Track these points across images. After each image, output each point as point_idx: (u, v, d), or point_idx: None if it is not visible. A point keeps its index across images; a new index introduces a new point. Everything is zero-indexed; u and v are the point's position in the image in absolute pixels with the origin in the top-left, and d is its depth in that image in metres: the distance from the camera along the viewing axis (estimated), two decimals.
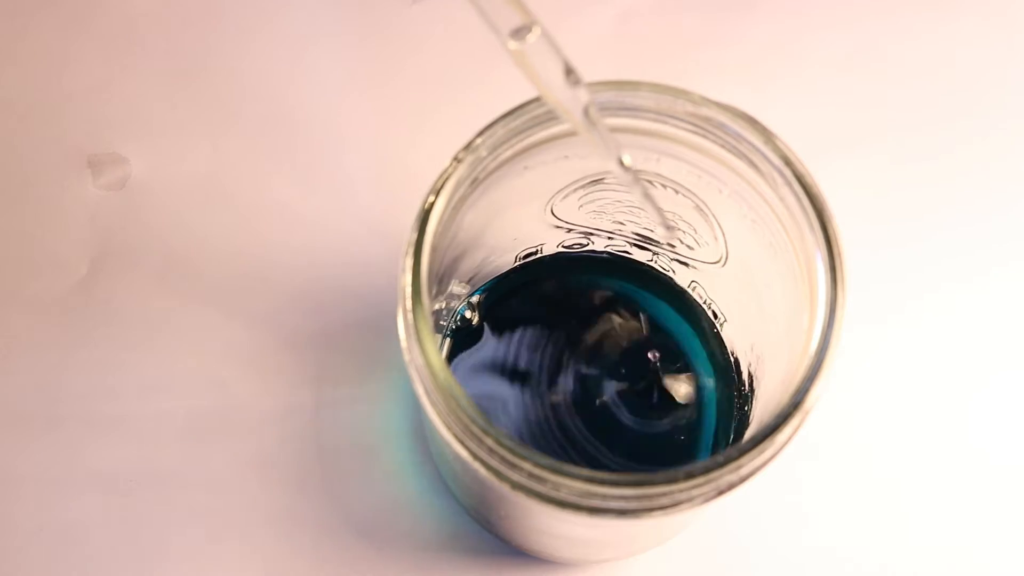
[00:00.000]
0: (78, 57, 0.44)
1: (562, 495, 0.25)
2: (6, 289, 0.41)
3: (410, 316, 0.25)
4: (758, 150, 0.26)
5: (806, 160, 0.26)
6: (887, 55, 0.45)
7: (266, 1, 0.46)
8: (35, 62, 0.44)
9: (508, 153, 0.28)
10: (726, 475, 0.24)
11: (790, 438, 0.25)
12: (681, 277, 0.35)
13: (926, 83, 0.45)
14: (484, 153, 0.27)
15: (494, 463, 0.25)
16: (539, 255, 0.35)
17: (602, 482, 0.24)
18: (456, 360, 0.34)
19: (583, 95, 0.25)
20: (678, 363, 0.35)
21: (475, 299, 0.35)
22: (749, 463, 0.25)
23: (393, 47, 0.45)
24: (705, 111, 0.26)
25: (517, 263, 0.35)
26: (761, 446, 0.24)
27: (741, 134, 0.26)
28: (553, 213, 0.33)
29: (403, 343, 0.26)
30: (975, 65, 0.45)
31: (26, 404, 0.40)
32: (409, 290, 0.25)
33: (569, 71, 0.24)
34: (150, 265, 0.41)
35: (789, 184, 0.26)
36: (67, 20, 0.45)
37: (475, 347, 0.34)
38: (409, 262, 0.25)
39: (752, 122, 0.26)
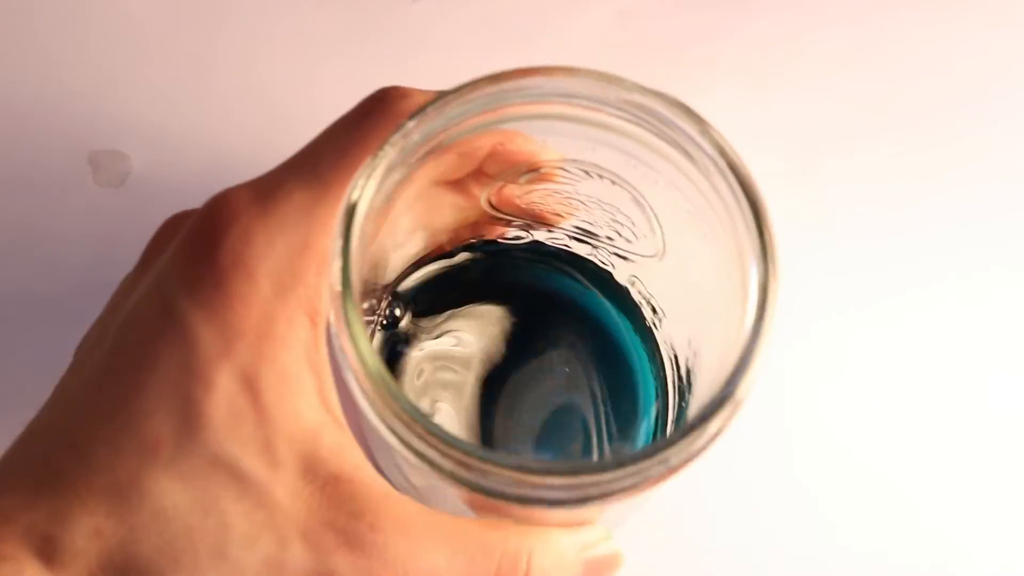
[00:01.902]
0: (78, 55, 0.44)
1: (490, 483, 0.24)
2: (6, 288, 0.41)
3: (339, 303, 0.24)
4: (692, 139, 0.26)
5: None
6: (885, 52, 0.46)
7: (267, 1, 0.45)
8: (35, 60, 0.44)
9: (442, 138, 0.27)
10: (655, 465, 0.24)
11: (721, 429, 0.25)
12: (621, 272, 0.35)
13: (924, 79, 0.46)
14: (416, 138, 0.26)
15: (424, 450, 0.25)
16: (478, 248, 0.35)
17: (531, 471, 0.24)
18: (390, 354, 0.34)
19: None
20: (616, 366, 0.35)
21: (408, 294, 0.35)
22: (678, 454, 0.24)
23: (393, 47, 0.45)
24: (639, 98, 0.26)
25: (456, 257, 0.35)
26: (690, 436, 0.24)
27: (675, 122, 0.26)
28: (491, 204, 0.33)
29: (333, 332, 0.25)
30: (973, 61, 0.46)
31: (26, 404, 0.39)
32: (339, 275, 0.25)
33: None
34: None
35: (723, 174, 0.26)
36: (67, 19, 0.45)
37: (409, 342, 0.34)
38: (339, 248, 0.25)
39: (686, 111, 0.26)
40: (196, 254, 0.27)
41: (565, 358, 0.34)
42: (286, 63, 0.45)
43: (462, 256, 0.35)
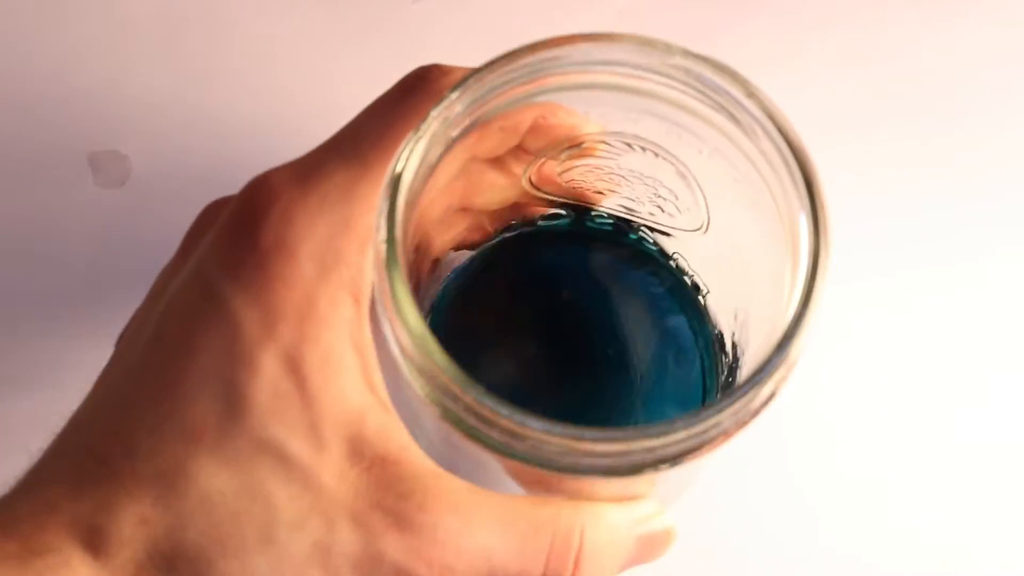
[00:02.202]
0: (78, 55, 0.44)
1: (542, 453, 0.24)
2: (6, 288, 0.41)
3: (385, 274, 0.24)
4: (739, 103, 0.26)
5: None
6: (885, 51, 0.46)
7: (267, 1, 0.46)
8: (35, 61, 0.44)
9: (483, 111, 0.27)
10: (709, 428, 0.24)
11: (775, 391, 0.25)
12: (663, 248, 0.35)
13: (923, 77, 0.46)
14: (459, 109, 0.26)
15: (473, 422, 0.24)
16: (519, 228, 0.35)
17: (583, 438, 0.24)
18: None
19: None
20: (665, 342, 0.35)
21: (454, 275, 0.35)
22: (732, 416, 0.24)
23: (393, 47, 0.45)
24: (683, 62, 0.26)
25: (497, 237, 0.35)
26: (745, 398, 0.24)
27: (721, 86, 0.26)
28: (532, 183, 0.33)
29: (379, 305, 0.25)
30: (973, 60, 0.46)
31: (27, 404, 0.40)
32: (384, 248, 0.24)
33: None
34: (150, 262, 0.41)
35: (771, 137, 0.26)
36: (67, 18, 0.45)
37: (454, 321, 0.34)
38: (384, 220, 0.25)
39: (733, 75, 0.26)
40: (237, 237, 0.27)
41: (609, 338, 0.34)
42: (286, 63, 0.45)
43: (503, 238, 0.35)
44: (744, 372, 0.32)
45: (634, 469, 0.24)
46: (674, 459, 0.24)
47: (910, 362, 0.42)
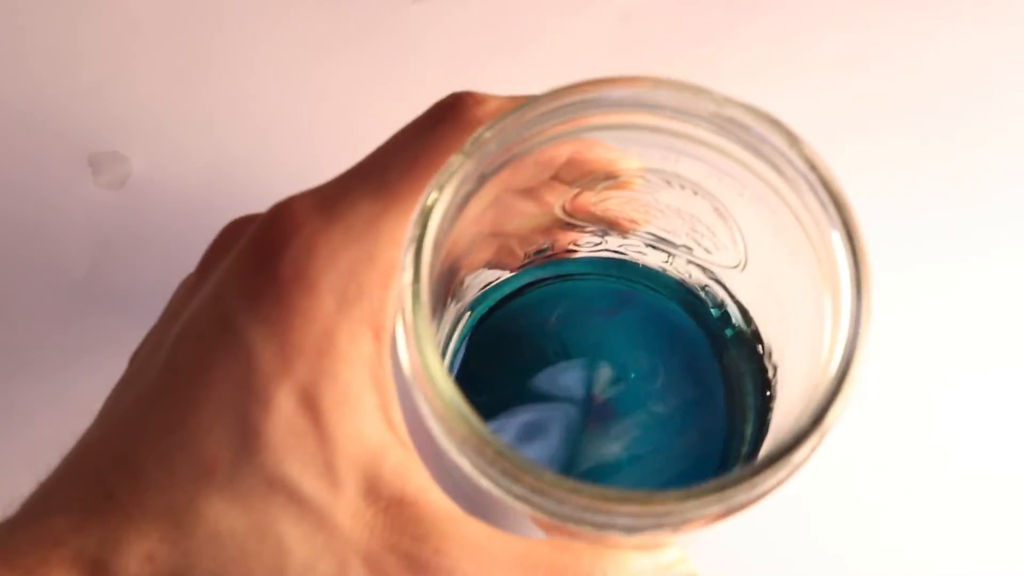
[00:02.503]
0: (78, 56, 0.44)
1: (564, 510, 0.24)
2: (6, 288, 0.41)
3: (410, 318, 0.24)
4: (782, 154, 0.25)
5: None
6: (885, 51, 0.45)
7: (267, 1, 0.45)
8: (35, 61, 0.44)
9: (518, 148, 0.26)
10: (739, 494, 0.23)
11: (807, 458, 0.24)
12: (696, 282, 0.34)
13: (923, 77, 0.45)
14: (493, 148, 0.25)
15: (495, 474, 0.24)
16: (550, 254, 0.34)
17: (607, 498, 0.23)
18: (459, 369, 0.33)
19: None
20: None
21: (479, 304, 0.34)
22: (763, 483, 0.23)
23: (393, 48, 0.44)
24: (728, 111, 0.25)
25: (527, 259, 0.34)
26: (777, 464, 0.23)
27: (765, 136, 0.25)
28: (565, 210, 0.32)
29: (401, 348, 0.25)
30: (973, 59, 0.45)
31: (27, 404, 0.39)
32: (410, 291, 0.24)
33: None
34: (151, 264, 0.41)
35: (814, 190, 0.25)
36: (68, 19, 0.45)
37: (480, 356, 0.33)
38: (410, 260, 0.24)
39: (776, 124, 0.25)
40: (256, 266, 0.26)
41: (640, 376, 0.33)
42: (286, 64, 0.44)
43: (531, 270, 0.34)
44: (775, 417, 0.31)
45: (658, 527, 0.24)
46: (700, 520, 0.24)
47: (910, 360, 0.41)
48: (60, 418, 0.39)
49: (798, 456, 0.23)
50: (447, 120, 0.27)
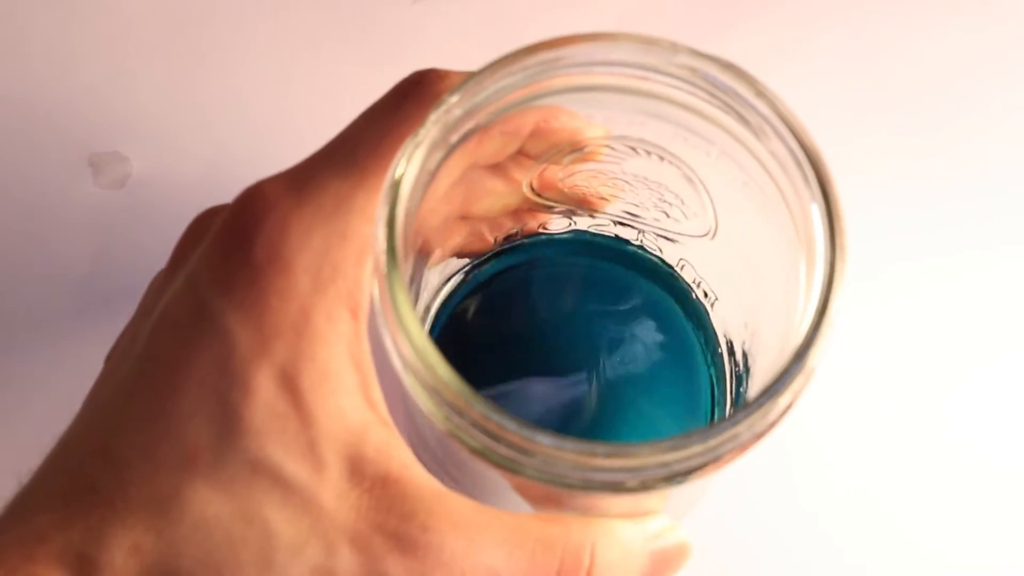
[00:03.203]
0: (78, 56, 0.44)
1: (552, 469, 0.23)
2: (6, 288, 0.41)
3: (384, 277, 0.23)
4: (747, 103, 0.25)
5: None
6: (885, 51, 0.46)
7: (266, 1, 0.45)
8: (35, 61, 0.44)
9: (483, 117, 0.26)
10: (724, 442, 0.23)
11: (792, 402, 0.24)
12: (669, 255, 0.34)
13: (924, 76, 0.45)
14: (458, 113, 0.25)
15: (479, 438, 0.23)
16: (519, 237, 0.34)
17: (595, 453, 0.23)
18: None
19: None
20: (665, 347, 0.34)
21: (454, 286, 0.34)
22: (748, 429, 0.23)
23: (393, 47, 0.45)
24: (690, 61, 0.25)
25: (497, 246, 0.34)
26: (762, 409, 0.23)
27: (729, 85, 0.25)
28: (533, 189, 0.32)
29: (380, 322, 0.24)
30: (973, 59, 0.46)
31: (27, 404, 0.39)
32: (384, 247, 0.23)
33: None
34: (151, 264, 0.41)
35: (781, 137, 0.25)
36: (67, 19, 0.45)
37: (453, 335, 0.33)
38: (383, 222, 0.24)
39: (741, 73, 0.25)
40: (229, 250, 0.26)
41: (613, 349, 0.33)
42: (286, 64, 0.44)
43: (503, 248, 0.34)
44: (755, 381, 0.31)
45: (647, 485, 0.23)
46: (688, 474, 0.23)
47: (908, 356, 0.41)
48: (60, 419, 0.39)
49: (783, 399, 0.23)
50: (412, 96, 0.27)
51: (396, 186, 0.24)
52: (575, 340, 0.33)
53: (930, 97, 0.45)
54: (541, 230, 0.34)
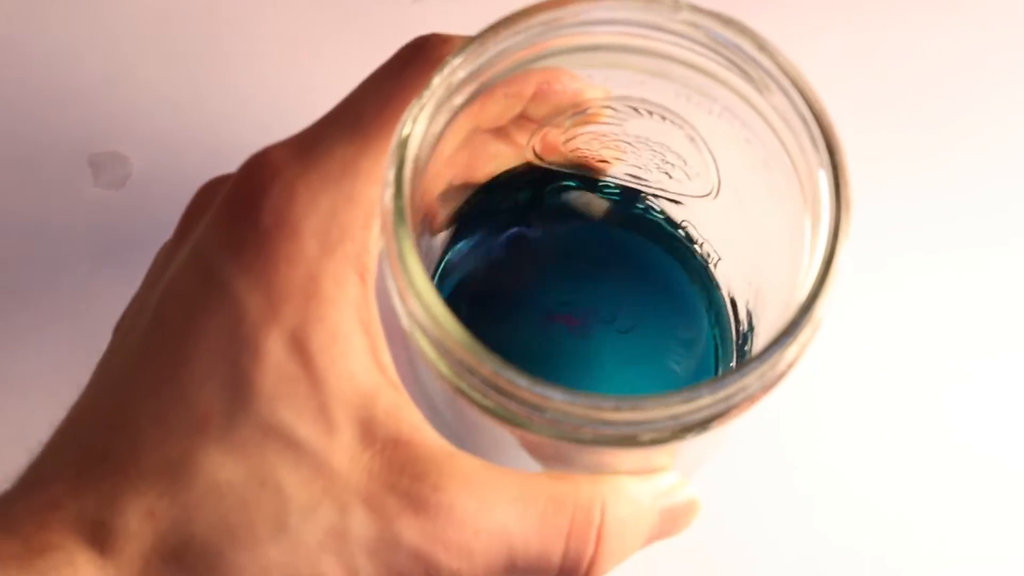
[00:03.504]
0: (78, 56, 0.44)
1: (563, 425, 0.23)
2: (6, 288, 0.41)
3: (393, 239, 0.24)
4: (750, 57, 0.25)
5: None
6: (886, 51, 0.46)
7: (266, 1, 0.45)
8: (35, 61, 0.44)
9: (487, 77, 0.26)
10: (734, 393, 0.23)
11: (799, 354, 0.24)
12: (672, 217, 0.34)
13: (924, 76, 0.45)
14: (462, 75, 0.25)
15: (488, 395, 0.24)
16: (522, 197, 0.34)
17: (604, 407, 0.23)
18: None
19: None
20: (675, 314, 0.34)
21: (459, 250, 0.34)
22: (758, 380, 0.23)
23: (393, 47, 0.45)
24: (691, 17, 0.25)
25: (502, 204, 0.34)
26: (770, 360, 0.23)
27: (731, 40, 0.25)
28: (536, 153, 0.32)
29: (387, 271, 0.25)
30: (973, 59, 0.46)
31: (26, 404, 0.39)
32: (392, 213, 0.24)
33: None
34: (150, 264, 0.41)
35: (785, 91, 0.25)
36: (68, 19, 0.45)
37: (458, 294, 0.33)
38: (392, 177, 0.24)
39: (742, 28, 0.25)
40: (237, 216, 0.26)
41: (618, 307, 0.33)
42: (286, 64, 0.45)
43: (506, 209, 0.34)
44: (760, 339, 0.31)
45: (658, 439, 0.24)
46: (700, 426, 0.24)
47: (907, 350, 0.41)
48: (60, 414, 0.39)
49: (791, 351, 0.23)
50: (415, 61, 0.28)
51: (403, 145, 0.24)
52: (579, 299, 0.34)
53: (931, 93, 0.45)
54: (546, 193, 0.34)
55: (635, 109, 0.29)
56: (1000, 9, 0.46)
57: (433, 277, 0.33)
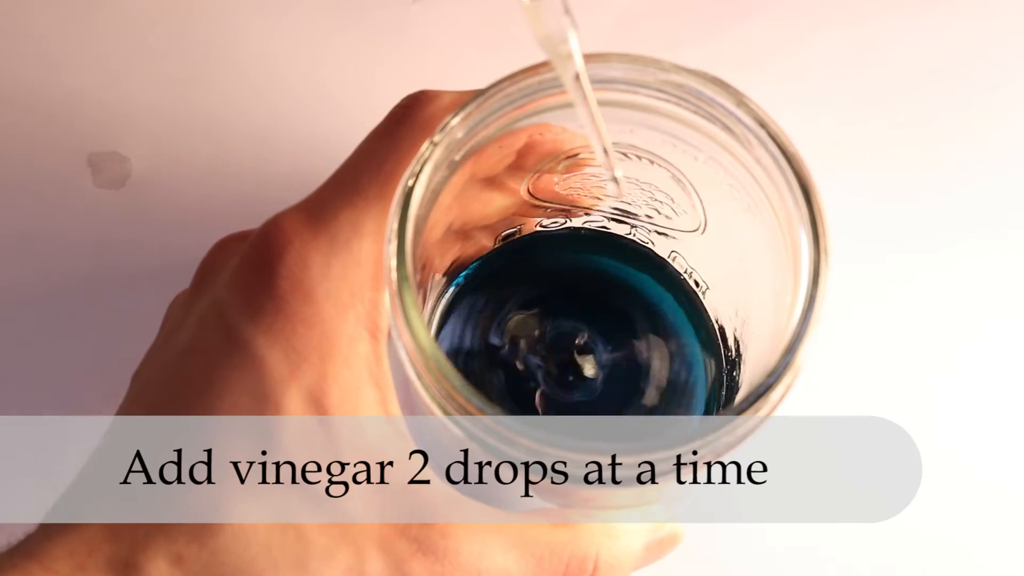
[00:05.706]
0: (78, 56, 0.45)
1: (556, 468, 0.25)
2: (6, 289, 0.42)
3: (396, 295, 0.25)
4: (731, 113, 0.27)
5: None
6: (886, 51, 0.46)
7: (267, 1, 0.46)
8: (35, 61, 0.45)
9: (483, 135, 0.28)
10: (722, 436, 0.25)
11: (783, 396, 0.25)
12: (661, 248, 0.35)
13: (923, 78, 0.45)
14: (460, 135, 0.27)
15: (492, 442, 0.25)
16: (519, 235, 0.35)
17: (602, 452, 0.24)
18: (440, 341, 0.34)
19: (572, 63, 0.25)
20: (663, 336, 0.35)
21: (457, 283, 0.35)
22: (744, 423, 0.25)
23: (393, 47, 0.45)
24: (676, 78, 0.26)
25: (497, 244, 0.35)
26: (755, 405, 0.25)
27: (713, 98, 0.27)
28: (530, 192, 0.33)
29: (392, 323, 0.26)
30: (973, 60, 0.46)
31: (26, 404, 0.40)
32: (395, 267, 0.25)
33: (562, 40, 0.24)
34: (151, 264, 0.42)
35: (764, 145, 0.26)
36: (67, 19, 0.45)
37: (458, 329, 0.35)
38: (394, 240, 0.25)
39: (723, 85, 0.27)
40: (255, 281, 0.28)
41: (612, 339, 0.35)
42: (286, 64, 0.45)
43: (500, 247, 0.35)
44: (747, 367, 0.32)
45: (647, 479, 0.25)
46: (687, 466, 0.25)
47: (898, 346, 0.42)
48: (61, 414, 0.39)
49: (775, 395, 0.25)
50: (404, 122, 0.29)
51: (405, 210, 0.26)
52: (573, 329, 0.35)
53: (926, 90, 0.45)
54: (539, 228, 0.35)
55: (624, 154, 0.31)
56: (1000, 9, 0.47)
57: (435, 312, 0.35)
